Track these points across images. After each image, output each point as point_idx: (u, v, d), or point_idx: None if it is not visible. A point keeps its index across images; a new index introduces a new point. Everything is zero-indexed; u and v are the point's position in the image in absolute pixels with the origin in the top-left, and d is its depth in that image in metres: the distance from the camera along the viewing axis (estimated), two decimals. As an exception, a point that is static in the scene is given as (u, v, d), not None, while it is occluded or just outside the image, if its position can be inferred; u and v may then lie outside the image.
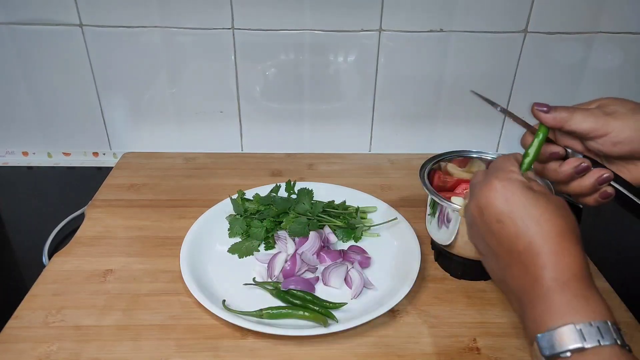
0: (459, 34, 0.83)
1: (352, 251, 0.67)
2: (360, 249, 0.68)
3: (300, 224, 0.68)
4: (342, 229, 0.71)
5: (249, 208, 0.72)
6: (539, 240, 0.39)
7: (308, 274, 0.64)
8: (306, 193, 0.74)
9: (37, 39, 0.81)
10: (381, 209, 0.74)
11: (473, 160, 0.66)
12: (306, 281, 0.62)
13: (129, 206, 0.76)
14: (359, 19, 0.81)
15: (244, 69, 0.85)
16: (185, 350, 0.54)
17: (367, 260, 0.66)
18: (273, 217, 0.71)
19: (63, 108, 0.88)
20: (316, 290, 0.62)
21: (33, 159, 0.93)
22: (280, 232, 0.69)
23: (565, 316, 0.36)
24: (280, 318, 0.57)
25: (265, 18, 0.81)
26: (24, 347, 0.53)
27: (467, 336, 0.56)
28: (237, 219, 0.71)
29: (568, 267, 0.38)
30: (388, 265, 0.66)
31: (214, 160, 0.90)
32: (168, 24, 0.81)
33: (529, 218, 0.40)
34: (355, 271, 0.63)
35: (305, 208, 0.72)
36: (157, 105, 0.89)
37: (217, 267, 0.65)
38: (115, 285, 0.62)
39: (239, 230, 0.70)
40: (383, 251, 0.68)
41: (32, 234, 0.74)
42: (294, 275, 0.63)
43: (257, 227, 0.70)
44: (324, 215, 0.72)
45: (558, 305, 0.36)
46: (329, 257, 0.65)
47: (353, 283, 0.62)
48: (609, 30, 0.83)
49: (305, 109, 0.90)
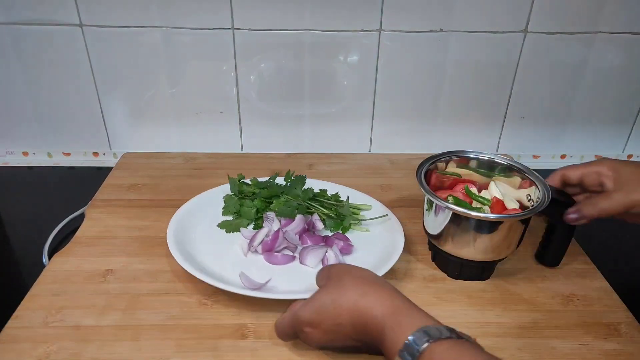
0: (459, 34, 0.83)
1: (335, 237, 0.68)
2: (344, 237, 0.68)
3: (289, 207, 0.70)
4: (331, 218, 0.71)
5: (245, 189, 0.74)
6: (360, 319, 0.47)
7: (287, 251, 0.66)
8: (300, 180, 0.76)
9: (37, 39, 0.81)
10: (376, 208, 0.74)
11: (470, 160, 0.66)
12: (284, 256, 0.64)
13: (129, 206, 0.76)
14: (359, 19, 0.81)
15: (244, 69, 0.85)
16: (185, 350, 0.54)
17: (348, 247, 0.67)
18: (265, 197, 0.72)
19: (63, 108, 0.88)
20: (292, 267, 0.64)
21: (33, 159, 0.93)
22: (269, 212, 0.70)
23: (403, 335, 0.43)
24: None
25: (265, 18, 0.81)
26: (24, 347, 0.53)
27: (467, 336, 0.56)
28: (231, 198, 0.73)
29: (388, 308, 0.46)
30: (370, 257, 0.65)
31: (214, 160, 0.90)
32: (168, 24, 0.81)
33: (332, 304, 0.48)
34: (332, 253, 0.63)
35: (297, 193, 0.73)
36: (157, 105, 0.89)
37: (202, 238, 0.68)
38: (115, 285, 0.62)
39: (232, 209, 0.72)
40: (369, 244, 0.68)
41: (32, 234, 0.74)
42: (272, 249, 0.65)
43: (248, 206, 0.72)
44: (314, 202, 0.73)
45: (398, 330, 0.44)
46: (311, 239, 0.67)
47: (328, 262, 0.62)
48: (609, 30, 0.83)
49: (306, 109, 0.90)
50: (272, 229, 0.67)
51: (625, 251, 0.75)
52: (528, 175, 0.63)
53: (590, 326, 0.58)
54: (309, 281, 0.57)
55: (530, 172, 0.63)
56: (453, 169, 0.67)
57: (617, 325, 0.58)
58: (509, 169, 0.65)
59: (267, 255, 0.65)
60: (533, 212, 0.57)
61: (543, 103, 0.90)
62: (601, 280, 0.65)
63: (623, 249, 0.75)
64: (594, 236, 0.73)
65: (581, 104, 0.91)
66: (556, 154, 0.97)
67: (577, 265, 0.67)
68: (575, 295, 0.62)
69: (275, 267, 0.64)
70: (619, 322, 0.58)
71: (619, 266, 0.70)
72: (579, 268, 0.66)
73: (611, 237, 0.76)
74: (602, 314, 0.59)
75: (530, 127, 0.93)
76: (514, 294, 0.62)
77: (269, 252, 0.65)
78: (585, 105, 0.91)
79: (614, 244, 0.76)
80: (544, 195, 0.59)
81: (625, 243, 0.76)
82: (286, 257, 0.65)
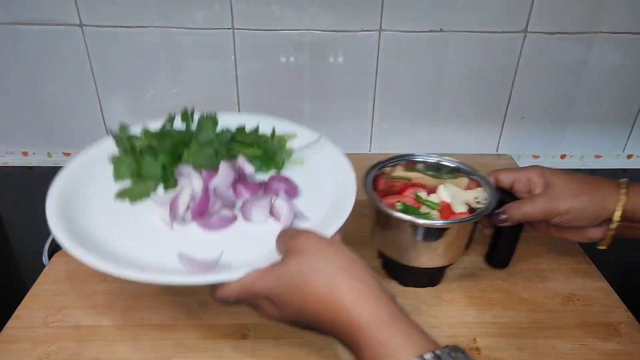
0: (459, 34, 0.83)
1: (275, 180, 0.58)
2: (284, 178, 0.59)
3: (207, 155, 0.57)
4: (260, 158, 0.60)
5: (137, 145, 0.59)
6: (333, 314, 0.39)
7: (225, 211, 0.54)
8: (209, 120, 0.63)
9: (37, 39, 0.81)
10: (303, 135, 0.65)
11: (418, 163, 0.65)
12: (222, 219, 0.53)
13: (129, 206, 0.76)
14: (359, 19, 0.81)
15: (244, 69, 0.85)
16: (185, 350, 0.54)
17: (294, 189, 0.58)
18: (170, 150, 0.58)
19: (63, 108, 0.88)
20: (237, 229, 0.53)
21: (33, 159, 0.93)
22: (183, 167, 0.57)
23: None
24: None
25: (265, 18, 0.81)
26: (24, 347, 0.53)
27: (467, 336, 0.56)
28: (122, 159, 0.58)
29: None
30: (318, 194, 0.58)
31: (213, 160, 0.90)
32: (168, 24, 0.81)
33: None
34: (282, 200, 0.54)
35: (210, 137, 0.61)
36: (157, 105, 0.89)
37: (105, 221, 0.52)
38: (115, 285, 0.62)
39: (127, 172, 0.57)
40: (311, 180, 0.60)
41: (32, 234, 0.74)
42: (206, 213, 0.53)
43: (150, 165, 0.57)
44: (235, 144, 0.61)
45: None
46: (247, 190, 0.56)
47: (281, 214, 0.53)
48: (609, 30, 0.83)
49: (305, 109, 0.90)
50: (194, 187, 0.54)
51: (625, 251, 0.75)
52: (475, 176, 0.62)
53: (590, 326, 0.58)
54: (268, 243, 0.47)
55: (476, 173, 0.62)
56: (403, 173, 0.65)
57: (617, 325, 0.58)
58: (456, 171, 0.64)
59: (201, 220, 0.52)
60: (480, 216, 0.56)
61: (543, 103, 0.90)
62: (601, 280, 0.65)
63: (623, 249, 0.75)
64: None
65: (581, 103, 0.91)
66: (556, 154, 0.97)
67: (577, 265, 0.67)
68: (575, 295, 0.62)
69: (215, 234, 0.52)
70: (619, 322, 0.58)
71: (619, 266, 0.70)
72: (579, 268, 0.66)
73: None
74: (602, 314, 0.59)
75: (530, 127, 0.93)
76: (514, 294, 0.62)
77: (202, 217, 0.52)
78: (585, 105, 0.91)
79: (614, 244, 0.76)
80: (491, 197, 0.58)
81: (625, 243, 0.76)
82: (226, 218, 0.53)
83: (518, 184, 0.59)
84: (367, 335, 0.37)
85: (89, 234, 0.50)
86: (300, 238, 0.43)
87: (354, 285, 0.39)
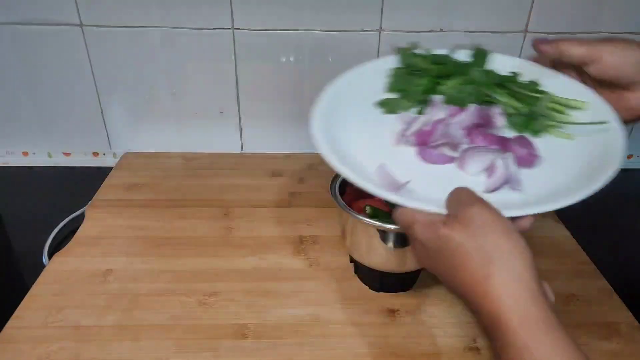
0: (459, 34, 0.83)
1: (517, 141, 0.50)
2: (529, 143, 0.50)
3: (462, 92, 0.54)
4: (520, 115, 0.53)
5: (416, 63, 0.58)
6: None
7: (446, 149, 0.51)
8: (482, 55, 0.59)
9: (37, 39, 0.81)
10: (594, 109, 0.52)
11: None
12: (440, 155, 0.50)
13: (129, 206, 0.76)
14: (359, 19, 0.81)
15: (244, 69, 0.85)
16: (185, 350, 0.54)
17: (531, 157, 0.49)
18: (435, 75, 0.57)
19: (63, 108, 0.88)
20: (444, 171, 0.49)
21: (33, 159, 0.93)
22: (437, 96, 0.56)
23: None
24: None
25: (265, 18, 0.81)
26: (24, 347, 0.53)
27: (467, 336, 0.56)
28: (400, 72, 0.58)
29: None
30: (556, 179, 0.47)
31: (214, 160, 0.90)
32: (168, 24, 0.81)
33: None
34: (503, 161, 0.47)
35: (477, 75, 0.56)
36: (157, 105, 0.89)
37: (351, 119, 0.55)
38: (115, 285, 0.62)
39: (399, 85, 0.58)
40: (564, 160, 0.49)
41: (32, 234, 0.74)
42: (427, 144, 0.51)
43: (415, 84, 0.57)
44: (499, 90, 0.55)
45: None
46: (483, 139, 0.50)
47: (495, 174, 0.47)
48: (609, 30, 0.83)
49: (305, 109, 0.89)
50: (433, 117, 0.53)
51: (625, 251, 0.75)
52: None
53: (590, 326, 0.58)
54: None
55: None
56: None
57: (617, 325, 0.58)
58: None
59: (421, 149, 0.51)
60: None
61: (543, 103, 0.90)
62: (601, 280, 0.64)
63: (623, 249, 0.75)
64: (594, 236, 0.73)
65: (581, 104, 0.91)
66: (556, 154, 0.97)
67: (577, 265, 0.67)
68: (575, 295, 0.62)
69: (424, 166, 0.50)
70: (619, 322, 0.58)
71: (619, 266, 0.70)
72: (579, 268, 0.66)
73: (611, 237, 0.76)
74: (602, 314, 0.59)
75: (530, 127, 0.93)
76: (514, 294, 0.62)
77: (423, 146, 0.51)
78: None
79: (614, 244, 0.76)
80: None
81: (625, 243, 0.77)
82: (443, 156, 0.50)
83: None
84: (510, 334, 0.36)
85: (335, 131, 0.53)
86: (474, 208, 0.40)
87: (510, 281, 0.37)
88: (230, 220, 0.74)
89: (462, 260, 0.39)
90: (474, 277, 0.38)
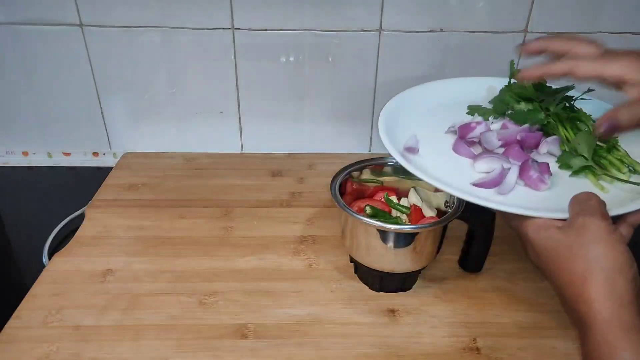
0: (459, 34, 0.83)
1: (536, 162, 0.52)
2: (547, 168, 0.52)
3: (528, 114, 0.57)
4: (572, 153, 0.51)
5: (530, 94, 0.60)
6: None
7: (475, 147, 0.58)
8: (564, 89, 0.59)
9: (37, 39, 0.81)
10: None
11: (385, 166, 0.64)
12: (465, 149, 0.56)
13: (129, 206, 0.76)
14: (359, 19, 0.81)
15: (243, 69, 0.85)
16: (185, 350, 0.54)
17: (540, 180, 0.51)
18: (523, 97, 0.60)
19: (63, 108, 0.88)
20: (459, 163, 0.56)
21: (33, 159, 0.93)
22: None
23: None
24: None
25: (265, 18, 0.81)
26: (24, 347, 0.53)
27: (467, 336, 0.56)
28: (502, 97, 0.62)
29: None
30: (549, 203, 0.49)
31: (214, 160, 0.90)
32: (168, 24, 0.81)
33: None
34: (510, 174, 0.51)
35: (550, 102, 0.58)
36: (157, 105, 0.89)
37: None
38: (115, 285, 0.62)
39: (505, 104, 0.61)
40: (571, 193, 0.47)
41: (32, 234, 0.74)
42: (464, 137, 0.58)
43: (523, 107, 0.59)
44: (565, 122, 0.55)
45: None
46: (512, 152, 0.54)
47: (489, 174, 0.53)
48: (609, 30, 0.83)
49: (305, 109, 0.90)
50: (483, 123, 0.59)
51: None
52: None
53: None
54: (457, 178, 0.52)
55: None
56: (374, 176, 0.65)
57: None
58: None
59: (456, 140, 0.58)
60: (447, 220, 0.55)
61: (543, 103, 0.90)
62: None
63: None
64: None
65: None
66: (556, 154, 0.97)
67: None
68: None
69: (449, 154, 0.57)
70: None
71: None
72: (579, 268, 0.66)
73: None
74: None
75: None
76: (514, 294, 0.62)
77: (460, 138, 0.58)
78: (585, 105, 0.91)
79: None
80: (459, 200, 0.56)
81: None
82: (467, 151, 0.57)
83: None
84: (598, 334, 0.40)
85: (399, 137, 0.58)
86: (594, 219, 0.43)
87: (603, 286, 0.41)
88: (230, 220, 0.74)
89: (566, 263, 0.43)
90: (573, 279, 0.42)
